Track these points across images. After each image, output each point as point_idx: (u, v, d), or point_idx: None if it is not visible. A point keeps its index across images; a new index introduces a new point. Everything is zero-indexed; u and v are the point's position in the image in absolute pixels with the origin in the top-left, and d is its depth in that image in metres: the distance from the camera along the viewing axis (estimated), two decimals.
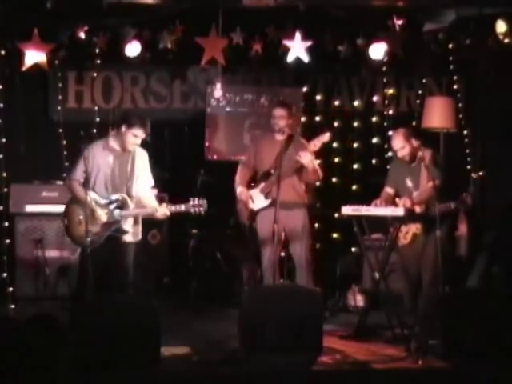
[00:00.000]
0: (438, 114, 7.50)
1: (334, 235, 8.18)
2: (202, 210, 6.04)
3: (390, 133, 7.76)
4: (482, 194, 8.06)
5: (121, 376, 4.90)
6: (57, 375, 4.61)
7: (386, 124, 8.35)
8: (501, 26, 7.11)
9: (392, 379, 5.26)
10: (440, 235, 5.95)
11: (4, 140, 7.36)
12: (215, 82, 7.84)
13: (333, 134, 7.10)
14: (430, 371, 5.43)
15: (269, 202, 6.65)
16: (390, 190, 6.64)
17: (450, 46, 7.73)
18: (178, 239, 7.88)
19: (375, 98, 8.48)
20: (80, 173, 6.02)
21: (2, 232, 7.31)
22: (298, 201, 6.75)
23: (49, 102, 8.03)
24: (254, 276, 7.50)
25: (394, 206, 6.42)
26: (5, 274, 7.21)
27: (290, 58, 7.41)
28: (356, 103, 8.52)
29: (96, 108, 8.01)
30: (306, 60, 7.40)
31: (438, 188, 6.12)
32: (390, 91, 8.43)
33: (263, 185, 6.76)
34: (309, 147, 6.53)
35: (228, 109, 8.37)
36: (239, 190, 6.83)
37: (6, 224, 7.34)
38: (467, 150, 8.21)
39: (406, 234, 6.47)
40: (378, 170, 8.00)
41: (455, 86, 8.23)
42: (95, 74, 8.04)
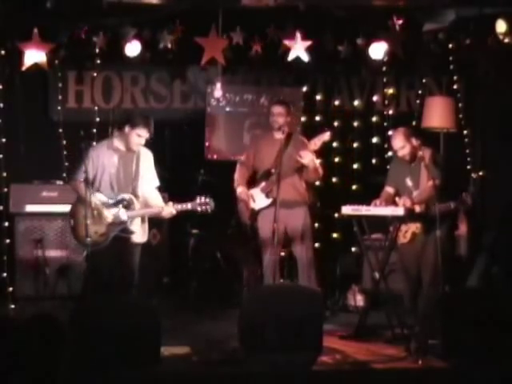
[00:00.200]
0: (438, 113, 7.50)
1: (334, 235, 8.18)
2: (209, 209, 6.02)
3: (390, 133, 7.77)
4: (482, 194, 8.05)
5: (121, 376, 4.90)
6: (57, 375, 4.62)
7: (385, 124, 8.35)
8: (501, 26, 7.11)
9: (392, 379, 5.27)
10: (440, 235, 5.96)
11: (4, 140, 7.37)
12: (215, 82, 7.84)
13: (333, 133, 7.10)
14: (430, 371, 5.43)
15: (270, 201, 6.64)
16: (390, 189, 6.64)
17: (450, 46, 7.73)
18: (178, 239, 7.89)
19: (375, 98, 8.48)
20: (85, 173, 5.97)
21: (2, 232, 7.31)
22: (299, 200, 6.75)
23: (49, 102, 8.03)
24: (254, 276, 7.50)
25: (394, 205, 6.42)
26: (5, 274, 7.21)
27: (290, 57, 7.41)
28: (356, 103, 8.52)
29: (96, 108, 8.00)
30: (306, 60, 7.40)
31: (437, 187, 6.12)
32: (390, 91, 8.43)
33: (264, 184, 6.75)
34: (309, 146, 6.53)
35: (228, 109, 8.37)
36: (240, 190, 6.83)
37: (6, 224, 7.34)
38: (467, 150, 8.21)
39: (405, 233, 6.47)
40: (378, 170, 8.00)
41: (455, 86, 8.23)
42: (95, 74, 8.03)
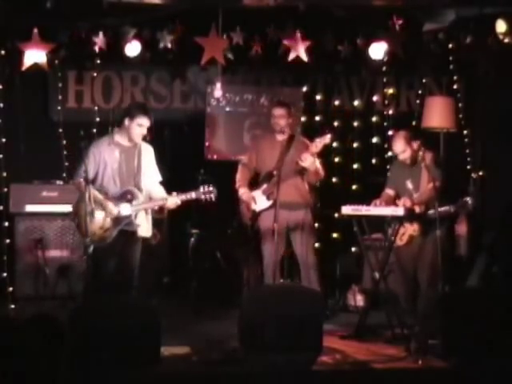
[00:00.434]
0: (438, 113, 7.49)
1: (334, 235, 8.18)
2: (213, 197, 6.03)
3: (390, 133, 7.78)
4: (482, 194, 8.05)
5: (121, 376, 4.90)
6: (57, 375, 4.61)
7: (385, 124, 8.35)
8: (501, 26, 7.11)
9: (392, 379, 5.27)
10: (439, 235, 5.96)
11: (4, 140, 7.36)
12: (215, 81, 7.83)
13: (333, 133, 7.10)
14: (430, 371, 5.43)
15: (271, 203, 6.65)
16: (390, 191, 6.64)
17: (450, 46, 7.73)
18: (178, 239, 7.89)
19: (375, 98, 8.48)
20: (86, 170, 5.92)
21: (2, 232, 7.30)
22: (301, 201, 6.76)
23: (49, 102, 8.02)
24: (254, 276, 7.50)
25: (394, 205, 6.42)
26: (5, 274, 7.21)
27: (290, 57, 7.41)
28: (356, 103, 8.52)
29: (96, 108, 8.00)
30: (306, 60, 7.40)
31: (438, 189, 6.12)
32: (390, 91, 8.43)
33: (265, 186, 6.76)
34: (310, 148, 6.53)
35: (228, 109, 8.38)
36: (241, 192, 6.85)
37: (6, 224, 7.34)
38: (467, 150, 8.21)
39: (402, 236, 6.47)
40: (378, 170, 8.01)
41: (455, 86, 8.23)
42: (95, 74, 8.03)
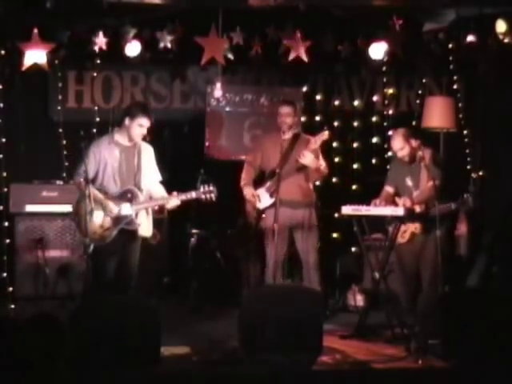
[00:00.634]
0: (437, 113, 7.50)
1: (334, 235, 8.17)
2: (214, 196, 6.02)
3: (390, 133, 7.77)
4: (482, 194, 8.05)
5: (121, 376, 4.90)
6: (57, 375, 4.62)
7: (385, 124, 8.35)
8: (501, 26, 7.11)
9: (392, 379, 5.26)
10: (439, 235, 5.96)
11: (4, 140, 7.36)
12: (215, 81, 7.84)
13: (332, 133, 7.12)
14: (430, 371, 5.43)
15: (273, 200, 6.67)
16: (389, 189, 6.64)
17: (450, 46, 7.73)
18: (178, 239, 7.89)
19: (375, 98, 8.48)
20: (86, 170, 5.94)
21: (2, 232, 7.30)
22: (305, 199, 6.78)
23: (49, 102, 8.01)
24: (254, 276, 7.50)
25: (394, 205, 6.42)
26: (5, 274, 7.20)
27: (290, 57, 7.41)
28: (356, 103, 8.51)
29: (96, 108, 7.99)
30: (306, 60, 7.40)
31: (437, 187, 6.12)
32: (390, 91, 8.43)
33: (269, 184, 6.78)
34: (309, 145, 6.56)
35: (228, 109, 8.37)
36: (246, 190, 6.88)
37: (6, 224, 7.34)
38: (467, 150, 8.20)
39: (403, 233, 6.47)
40: (378, 170, 8.00)
41: (455, 86, 8.23)
42: (95, 74, 8.03)
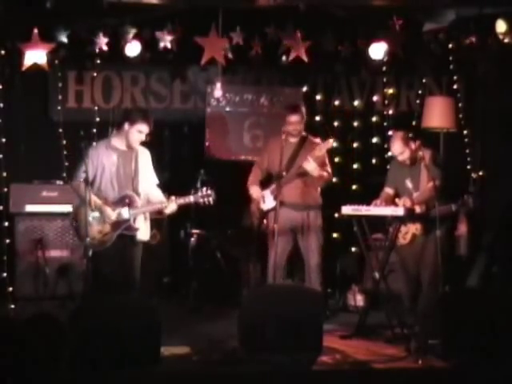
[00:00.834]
0: (437, 113, 7.50)
1: (334, 235, 8.17)
2: (211, 200, 6.02)
3: (390, 133, 7.76)
4: (482, 194, 8.05)
5: (121, 376, 4.90)
6: (57, 375, 4.62)
7: (385, 124, 8.35)
8: (501, 26, 7.11)
9: (392, 379, 5.27)
10: (440, 235, 5.96)
11: (4, 140, 7.35)
12: (215, 81, 7.84)
13: (335, 137, 7.14)
14: (430, 371, 5.43)
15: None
16: (389, 190, 6.64)
17: (450, 46, 7.72)
18: (178, 239, 7.89)
19: (375, 98, 8.48)
20: (84, 173, 5.97)
21: (2, 232, 7.29)
22: (311, 202, 6.78)
23: (49, 102, 8.01)
24: (254, 276, 7.50)
25: (394, 205, 6.42)
26: (5, 274, 7.20)
27: (290, 57, 7.41)
28: (356, 103, 8.51)
29: (96, 108, 7.99)
30: (306, 60, 7.39)
31: (438, 188, 6.12)
32: (390, 91, 8.42)
33: (274, 186, 6.77)
34: (313, 152, 6.53)
35: (228, 109, 8.37)
36: (252, 190, 6.89)
37: (6, 224, 7.34)
38: (467, 150, 8.20)
39: (405, 235, 6.47)
40: (378, 170, 7.99)
41: (455, 86, 8.22)
42: (95, 74, 8.03)
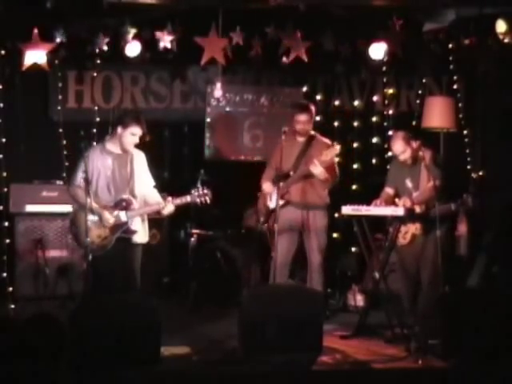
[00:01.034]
0: (437, 113, 7.49)
1: (334, 235, 8.17)
2: (208, 199, 6.03)
3: (390, 133, 7.77)
4: (482, 194, 8.04)
5: (121, 376, 4.90)
6: (57, 375, 4.62)
7: (385, 124, 8.35)
8: (501, 26, 7.11)
9: (392, 379, 5.27)
10: (440, 235, 5.96)
11: (4, 140, 7.35)
12: (215, 81, 7.84)
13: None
14: (430, 371, 5.44)
15: (283, 202, 6.67)
16: (389, 190, 6.64)
17: (450, 46, 7.72)
18: (178, 239, 7.89)
19: (375, 98, 8.48)
20: (81, 178, 5.96)
21: (2, 232, 7.30)
22: (318, 202, 6.77)
23: (49, 102, 8.01)
24: (254, 276, 7.51)
25: (394, 205, 6.42)
26: (5, 274, 7.20)
27: (290, 58, 7.40)
28: (356, 103, 8.52)
29: (96, 108, 7.99)
30: (306, 60, 7.39)
31: (438, 188, 6.12)
32: (390, 91, 8.43)
33: (281, 185, 6.75)
34: (320, 157, 6.52)
35: (228, 109, 8.38)
36: (264, 185, 6.89)
37: (6, 224, 7.34)
38: (467, 150, 8.20)
39: (405, 234, 6.47)
40: (378, 170, 8.00)
41: (455, 86, 8.22)
42: (95, 74, 8.03)
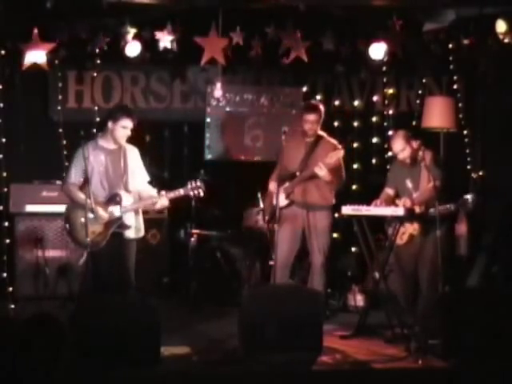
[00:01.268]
0: (437, 113, 7.49)
1: (334, 235, 8.16)
2: (201, 192, 6.04)
3: (390, 133, 7.77)
4: (482, 194, 8.04)
5: (121, 376, 4.90)
6: (57, 374, 4.61)
7: (386, 124, 8.34)
8: (501, 26, 7.10)
9: (392, 379, 5.27)
10: (439, 235, 5.96)
11: (4, 140, 7.35)
12: (215, 82, 7.85)
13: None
14: (430, 371, 5.44)
15: (287, 202, 6.67)
16: (389, 190, 6.64)
17: (450, 46, 7.72)
18: (178, 239, 7.89)
19: (375, 98, 8.48)
20: (75, 176, 6.05)
21: (2, 232, 7.30)
22: (322, 202, 6.76)
23: (49, 102, 8.02)
24: (254, 276, 7.51)
25: (394, 205, 6.42)
26: (5, 274, 7.20)
27: (290, 58, 7.40)
28: (356, 103, 8.51)
29: (96, 108, 7.99)
30: (306, 60, 7.39)
31: (438, 188, 6.12)
32: (390, 91, 8.42)
33: (287, 185, 6.75)
34: (324, 160, 6.52)
35: (228, 109, 8.38)
36: (270, 185, 6.88)
37: (6, 224, 7.34)
38: (467, 150, 8.19)
39: (402, 235, 6.47)
40: (378, 170, 8.01)
41: (455, 86, 8.21)
42: (95, 74, 8.03)
